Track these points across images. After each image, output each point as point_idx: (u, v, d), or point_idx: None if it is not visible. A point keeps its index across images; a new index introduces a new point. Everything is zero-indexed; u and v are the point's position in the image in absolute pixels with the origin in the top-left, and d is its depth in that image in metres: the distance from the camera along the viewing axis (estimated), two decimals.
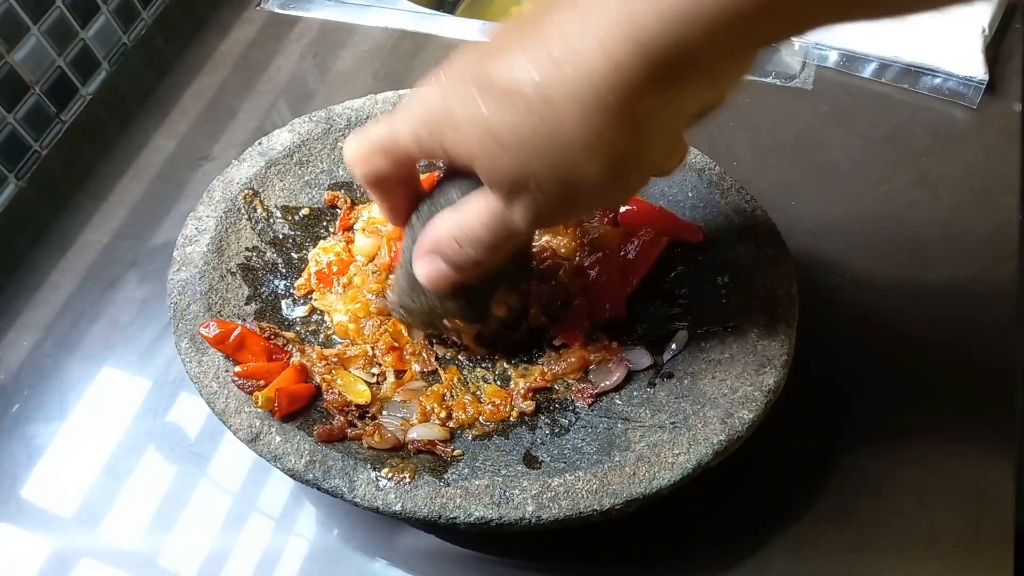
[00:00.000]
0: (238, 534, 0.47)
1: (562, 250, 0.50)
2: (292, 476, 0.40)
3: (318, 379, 0.45)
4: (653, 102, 0.30)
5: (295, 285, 0.50)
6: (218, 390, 0.42)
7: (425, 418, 0.44)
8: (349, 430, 0.43)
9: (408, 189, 0.41)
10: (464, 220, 0.36)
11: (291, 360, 0.45)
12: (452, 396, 0.46)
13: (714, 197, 0.49)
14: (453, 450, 0.43)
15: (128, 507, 0.48)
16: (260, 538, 0.47)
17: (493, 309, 0.46)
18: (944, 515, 0.45)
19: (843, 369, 0.50)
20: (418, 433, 0.43)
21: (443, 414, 0.45)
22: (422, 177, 0.42)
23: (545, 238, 0.51)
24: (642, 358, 0.46)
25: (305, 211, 0.53)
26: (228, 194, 0.50)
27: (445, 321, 0.44)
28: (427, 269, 0.39)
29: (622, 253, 0.49)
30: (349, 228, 0.52)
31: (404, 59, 0.71)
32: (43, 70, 0.65)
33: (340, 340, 0.48)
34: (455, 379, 0.47)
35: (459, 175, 0.38)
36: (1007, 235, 0.56)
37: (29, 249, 0.61)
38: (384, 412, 0.45)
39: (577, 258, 0.50)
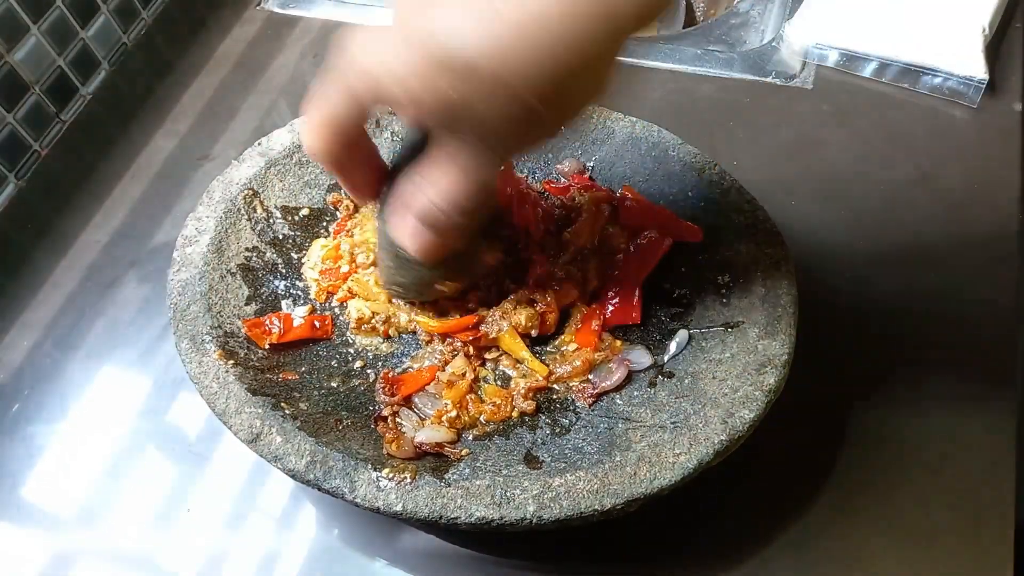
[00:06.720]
0: (238, 534, 0.47)
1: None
2: (293, 477, 0.40)
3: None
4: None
5: (312, 295, 0.50)
6: (218, 390, 0.42)
7: (439, 419, 0.44)
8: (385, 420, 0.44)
9: (369, 162, 0.40)
10: (442, 185, 0.35)
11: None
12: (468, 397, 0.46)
13: (714, 197, 0.49)
14: (461, 450, 0.43)
15: (128, 507, 0.48)
16: (260, 538, 0.47)
17: (483, 259, 0.46)
18: (944, 515, 0.45)
19: (843, 369, 0.50)
20: (426, 436, 0.43)
21: (453, 413, 0.45)
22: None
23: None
24: (642, 358, 0.46)
25: (305, 211, 0.53)
26: (228, 194, 0.50)
27: (438, 286, 0.45)
28: (419, 243, 0.38)
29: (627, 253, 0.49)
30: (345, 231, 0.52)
31: None
32: (43, 70, 0.65)
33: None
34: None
35: (413, 147, 0.38)
36: (1007, 235, 0.56)
37: (29, 249, 0.61)
38: (416, 400, 0.45)
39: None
